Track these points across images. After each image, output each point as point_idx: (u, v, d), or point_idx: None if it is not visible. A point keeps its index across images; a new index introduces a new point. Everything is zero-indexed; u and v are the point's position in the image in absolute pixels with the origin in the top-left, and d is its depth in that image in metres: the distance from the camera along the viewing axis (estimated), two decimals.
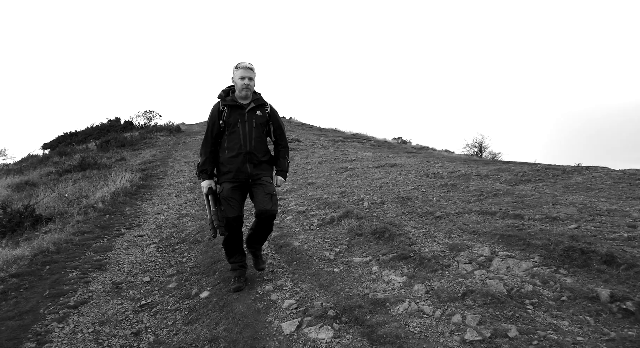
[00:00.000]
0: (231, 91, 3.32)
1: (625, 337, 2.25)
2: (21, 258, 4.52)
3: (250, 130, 3.24)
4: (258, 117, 3.29)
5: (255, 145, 3.26)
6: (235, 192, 3.26)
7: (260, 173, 3.30)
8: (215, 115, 3.27)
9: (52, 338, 3.12)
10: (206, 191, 3.27)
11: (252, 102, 3.29)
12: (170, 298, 3.72)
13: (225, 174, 3.27)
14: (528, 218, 4.05)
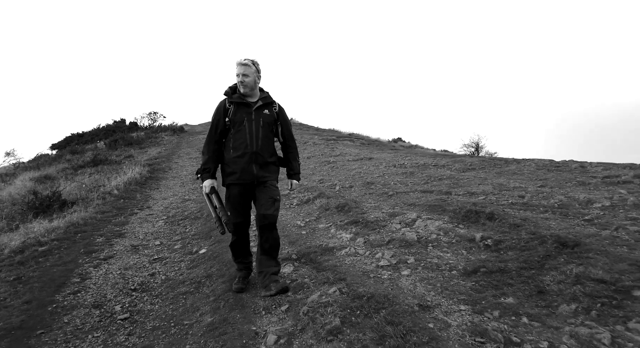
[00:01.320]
0: (238, 89, 3.18)
1: (480, 258, 3.39)
2: (57, 229, 5.69)
3: (257, 129, 3.07)
4: (265, 116, 3.13)
5: (262, 145, 3.09)
6: (242, 197, 3.17)
7: (266, 175, 3.14)
8: (220, 112, 3.13)
9: (90, 276, 4.27)
10: (208, 191, 3.14)
11: (260, 100, 3.14)
12: (176, 254, 4.87)
13: (230, 175, 3.13)
14: (454, 194, 5.19)
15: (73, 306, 3.63)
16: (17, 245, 5.11)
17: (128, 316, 3.43)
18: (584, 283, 2.65)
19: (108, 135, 24.54)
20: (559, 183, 5.15)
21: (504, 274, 3.06)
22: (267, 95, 3.22)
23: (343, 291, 3.12)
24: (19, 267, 4.57)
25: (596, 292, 2.57)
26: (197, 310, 3.37)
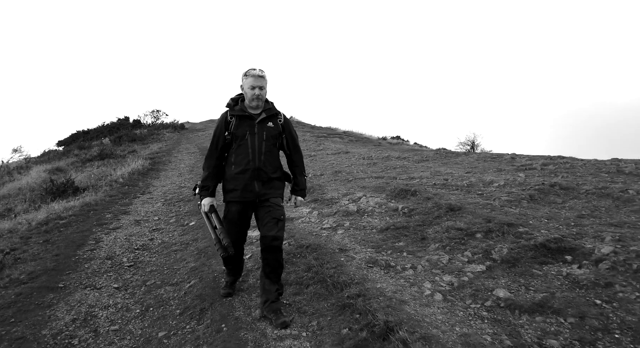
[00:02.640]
0: (240, 100, 2.96)
1: (395, 221, 4.54)
2: (73, 207, 6.87)
3: (260, 143, 2.86)
4: (269, 128, 2.91)
5: (265, 160, 2.88)
6: (241, 217, 2.99)
7: (269, 193, 2.91)
8: (221, 126, 2.92)
9: (102, 240, 5.45)
10: (207, 209, 2.98)
11: (264, 111, 2.91)
12: (171, 226, 6.02)
13: (231, 192, 2.93)
14: (398, 178, 6.34)
15: (90, 258, 4.80)
16: (42, 219, 6.29)
17: (132, 264, 4.60)
18: (450, 231, 3.80)
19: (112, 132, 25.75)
20: (482, 170, 6.27)
21: (405, 229, 4.22)
22: (272, 106, 2.97)
23: (291, 243, 4.29)
24: (45, 234, 5.75)
25: (455, 236, 3.71)
26: (184, 260, 4.54)
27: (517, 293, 2.77)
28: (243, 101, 2.95)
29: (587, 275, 2.80)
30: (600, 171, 5.31)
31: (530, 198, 4.47)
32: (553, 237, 3.30)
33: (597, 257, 2.95)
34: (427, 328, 2.47)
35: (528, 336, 2.34)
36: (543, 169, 5.91)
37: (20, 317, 3.43)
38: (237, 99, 3.00)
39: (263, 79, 2.86)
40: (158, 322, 3.27)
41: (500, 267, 3.15)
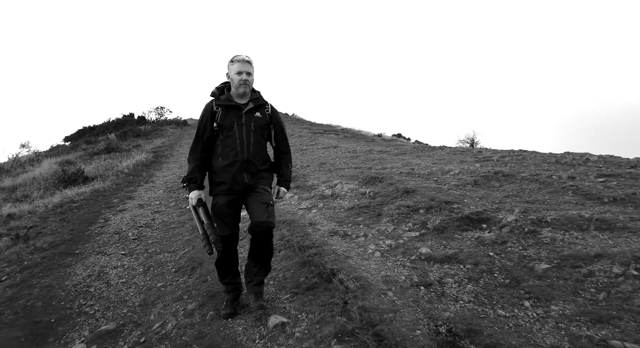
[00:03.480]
0: (226, 89, 2.86)
1: (360, 202, 5.30)
2: (84, 193, 7.70)
3: (248, 134, 2.77)
4: (257, 119, 2.81)
5: (254, 152, 2.79)
6: (230, 207, 2.82)
7: (258, 182, 2.83)
8: (207, 116, 2.80)
9: (110, 219, 6.26)
10: (195, 203, 2.83)
11: (251, 101, 2.81)
12: (170, 209, 6.83)
13: (219, 185, 2.81)
14: (373, 168, 7.10)
15: (101, 233, 5.61)
16: (57, 202, 7.12)
17: (137, 238, 5.41)
18: (400, 208, 4.58)
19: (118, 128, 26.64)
20: (447, 162, 7.03)
21: (366, 208, 5.00)
22: (259, 96, 2.87)
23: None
24: (61, 214, 6.57)
25: (403, 212, 4.49)
26: (181, 234, 5.34)
27: (436, 250, 3.54)
28: (229, 90, 2.83)
29: (491, 236, 3.57)
30: (543, 162, 6.05)
31: (474, 183, 5.23)
32: (476, 210, 4.07)
33: (503, 224, 3.72)
34: (360, 273, 3.25)
35: (433, 276, 3.12)
36: (499, 160, 6.66)
37: (47, 273, 4.24)
38: (223, 88, 2.87)
39: (250, 65, 2.76)
40: (157, 277, 4.07)
41: (431, 233, 3.93)
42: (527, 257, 3.16)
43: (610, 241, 3.12)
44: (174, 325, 3.04)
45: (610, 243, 3.07)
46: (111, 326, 3.17)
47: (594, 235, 3.27)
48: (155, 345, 2.87)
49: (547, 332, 2.30)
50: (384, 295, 2.89)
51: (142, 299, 3.61)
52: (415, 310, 2.68)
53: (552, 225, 3.52)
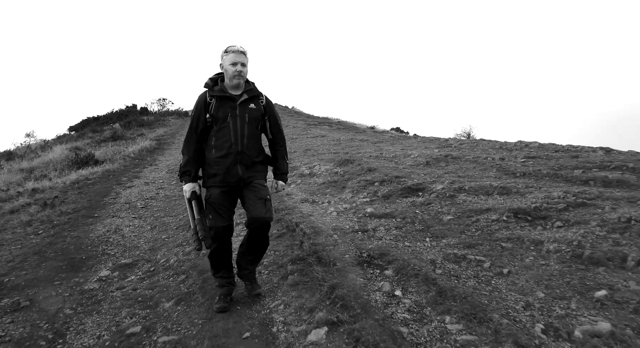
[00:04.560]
0: (220, 80, 2.83)
1: (332, 179, 6.34)
2: (96, 172, 8.75)
3: (242, 126, 2.74)
4: (252, 110, 2.78)
5: (248, 143, 2.75)
6: (225, 198, 2.77)
7: (252, 175, 2.80)
8: (201, 108, 2.77)
9: (121, 193, 7.31)
10: (189, 196, 2.80)
11: (245, 93, 2.78)
12: (172, 186, 7.87)
13: (213, 177, 2.77)
14: (349, 154, 8.12)
15: (114, 203, 6.66)
16: (74, 179, 8.17)
17: (144, 206, 6.46)
18: (361, 182, 5.61)
19: (121, 118, 27.62)
20: (414, 148, 8.04)
21: (334, 183, 6.03)
22: (253, 87, 2.84)
23: None
24: (78, 189, 7.62)
25: (362, 184, 5.52)
26: (181, 204, 6.37)
27: (378, 210, 4.57)
28: (222, 81, 2.79)
29: (421, 200, 4.61)
30: (491, 148, 7.06)
31: (425, 164, 6.26)
32: (417, 182, 5.10)
33: (432, 191, 4.75)
34: (317, 224, 4.29)
35: (370, 226, 4.15)
36: (457, 147, 7.67)
37: (74, 228, 5.30)
38: (216, 79, 2.83)
39: (244, 56, 2.71)
40: (162, 232, 5.12)
41: (379, 199, 4.96)
42: (440, 212, 4.19)
43: (502, 201, 4.15)
44: (175, 261, 4.09)
45: (500, 202, 4.11)
46: (128, 261, 4.23)
47: (494, 198, 4.30)
48: (161, 272, 3.91)
49: (430, 253, 3.34)
50: (330, 237, 3.93)
51: (150, 246, 4.66)
52: (349, 245, 3.72)
53: (468, 192, 4.56)
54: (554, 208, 3.68)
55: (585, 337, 2.07)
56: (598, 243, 2.97)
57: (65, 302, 3.39)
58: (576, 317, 2.25)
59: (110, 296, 3.48)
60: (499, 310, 2.40)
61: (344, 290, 2.85)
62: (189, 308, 3.11)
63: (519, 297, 2.56)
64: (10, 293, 3.56)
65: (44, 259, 4.28)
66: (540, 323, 2.24)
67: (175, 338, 2.70)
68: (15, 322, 3.11)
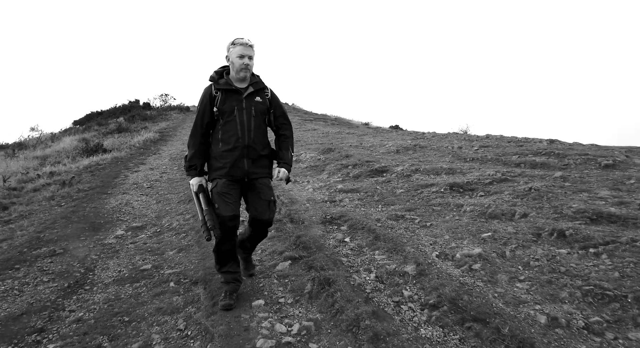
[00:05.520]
0: (225, 72, 2.81)
1: (315, 164, 7.25)
2: (106, 159, 9.67)
3: (249, 119, 2.70)
4: (257, 103, 2.75)
5: (255, 137, 2.73)
6: (231, 188, 2.73)
7: (257, 172, 2.78)
8: (206, 101, 2.74)
9: (129, 176, 8.23)
10: (196, 189, 2.79)
11: (251, 86, 2.76)
12: (174, 171, 8.78)
13: (218, 170, 2.74)
14: (333, 144, 9.03)
15: (123, 183, 7.59)
16: (86, 164, 9.10)
17: (150, 186, 7.37)
18: (337, 166, 6.52)
19: (125, 113, 28.52)
20: (390, 139, 8.94)
21: (315, 167, 6.94)
22: (258, 80, 2.83)
23: None
24: (90, 172, 8.55)
25: (338, 168, 6.43)
26: (182, 185, 7.29)
27: (347, 187, 5.48)
28: (228, 74, 2.78)
29: (383, 179, 5.52)
30: (457, 139, 7.96)
31: (396, 152, 7.17)
32: (383, 165, 6.01)
33: (394, 172, 5.65)
34: (295, 196, 5.20)
35: (337, 198, 5.06)
36: (429, 138, 8.57)
37: (91, 201, 6.22)
38: (222, 71, 2.82)
39: (252, 49, 2.70)
40: (165, 205, 6.03)
41: (349, 179, 5.87)
42: (395, 188, 5.11)
43: (445, 178, 5.06)
44: (177, 224, 5.01)
45: (444, 179, 5.02)
46: (138, 224, 5.14)
47: (441, 176, 5.22)
48: (166, 232, 4.82)
49: (378, 214, 4.25)
50: (303, 205, 4.85)
51: (156, 214, 5.58)
52: (317, 211, 4.63)
53: (422, 172, 5.47)
54: (482, 183, 4.59)
55: (462, 257, 2.98)
56: (500, 205, 3.88)
57: (90, 251, 4.31)
58: (462, 248, 3.16)
59: (126, 247, 4.39)
60: (412, 246, 3.31)
61: (306, 238, 3.76)
62: (188, 254, 4.03)
63: (430, 238, 3.47)
64: (47, 244, 4.48)
65: (69, 222, 5.20)
66: (437, 251, 3.16)
67: (177, 270, 3.62)
68: (54, 262, 4.03)
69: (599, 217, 3.25)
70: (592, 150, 5.54)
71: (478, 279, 2.74)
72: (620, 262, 2.63)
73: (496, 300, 2.46)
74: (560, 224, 3.23)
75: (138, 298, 3.19)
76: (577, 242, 2.96)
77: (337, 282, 2.86)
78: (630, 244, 2.76)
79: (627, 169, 4.48)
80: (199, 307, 2.90)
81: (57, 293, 3.35)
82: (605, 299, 2.32)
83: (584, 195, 3.82)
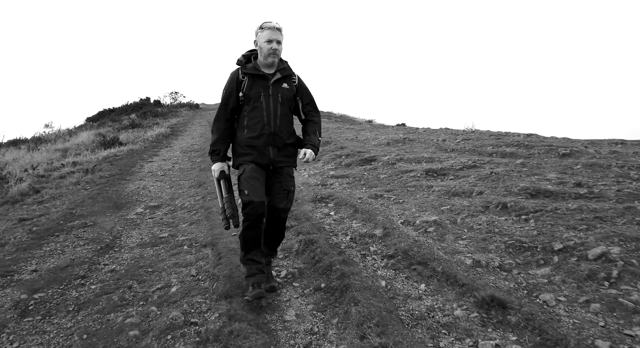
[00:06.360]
0: (253, 57, 2.72)
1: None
2: (122, 151, 10.49)
3: (275, 106, 2.63)
4: (284, 90, 2.67)
5: (281, 124, 2.68)
6: (259, 173, 2.67)
7: (283, 161, 2.74)
8: (233, 86, 2.67)
9: (144, 166, 9.02)
10: (217, 175, 2.74)
11: (278, 71, 2.67)
12: (185, 162, 9.55)
13: (243, 156, 2.69)
14: (332, 137, 9.72)
15: (139, 171, 8.37)
16: (105, 155, 9.92)
17: (163, 174, 8.14)
18: (331, 156, 7.21)
19: (136, 110, 29.49)
20: (384, 133, 9.59)
21: None
22: (286, 66, 2.75)
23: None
24: (109, 162, 9.35)
25: (332, 157, 7.12)
26: (193, 173, 8.04)
27: (338, 173, 6.17)
28: (255, 59, 2.71)
29: (371, 167, 6.20)
30: (444, 133, 8.61)
31: (386, 144, 7.84)
32: (372, 155, 6.69)
33: (381, 161, 6.33)
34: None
35: (329, 182, 5.76)
36: (420, 133, 9.21)
37: (112, 186, 7.01)
38: (249, 55, 2.74)
39: (280, 33, 2.62)
40: (178, 189, 6.78)
41: (341, 167, 6.57)
42: (380, 173, 5.80)
43: (424, 166, 5.73)
44: (188, 204, 5.75)
45: (425, 166, 5.69)
46: (155, 204, 5.90)
47: (421, 164, 5.89)
48: (179, 210, 5.57)
49: (361, 194, 4.95)
50: (298, 188, 5.55)
51: (170, 196, 6.33)
52: (310, 192, 5.34)
53: (405, 161, 6.15)
54: (454, 169, 5.26)
55: (421, 223, 3.67)
56: (463, 186, 4.56)
57: (116, 224, 5.07)
58: (423, 217, 3.85)
59: (145, 221, 5.14)
60: (383, 216, 4.01)
61: (298, 212, 4.47)
62: (198, 226, 4.76)
63: (400, 211, 4.16)
64: (79, 218, 5.26)
65: (96, 202, 5.98)
66: (402, 220, 3.85)
67: (190, 237, 4.36)
68: (86, 231, 4.80)
69: (537, 193, 3.91)
70: (558, 142, 6.17)
71: (429, 238, 3.43)
72: (541, 224, 3.29)
73: (439, 251, 3.15)
74: (505, 199, 3.90)
75: (158, 256, 3.92)
76: (515, 211, 3.63)
77: (318, 242, 3.57)
78: (553, 212, 3.43)
79: (579, 157, 5.10)
80: (208, 261, 3.62)
81: (93, 253, 4.11)
82: (521, 249, 3.00)
83: (534, 177, 4.47)
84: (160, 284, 3.27)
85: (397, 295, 2.67)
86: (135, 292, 3.20)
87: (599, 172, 4.37)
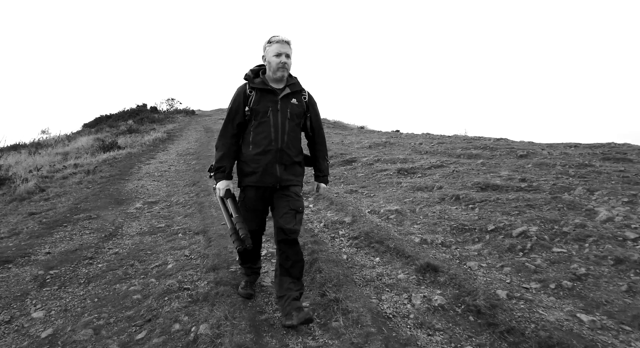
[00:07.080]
0: (261, 72, 2.65)
1: None
2: (121, 154, 11.03)
3: (283, 121, 2.52)
4: (294, 106, 2.57)
5: (289, 141, 2.57)
6: (260, 202, 2.64)
7: (290, 179, 2.61)
8: (240, 100, 2.58)
9: (142, 167, 9.56)
10: (222, 194, 2.62)
11: (288, 87, 2.59)
12: (180, 164, 10.10)
13: (249, 176, 2.58)
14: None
15: (138, 172, 8.91)
16: (104, 158, 10.45)
17: (160, 175, 8.69)
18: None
19: (132, 117, 30.01)
20: (368, 137, 10.21)
21: None
22: (296, 81, 2.66)
23: None
24: (108, 164, 9.89)
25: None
26: (187, 175, 8.60)
27: None
28: (264, 73, 2.64)
29: (352, 167, 6.79)
30: (423, 138, 9.23)
31: (368, 147, 8.44)
32: (353, 157, 7.28)
33: (361, 162, 6.92)
34: None
35: (311, 181, 6.34)
36: (402, 137, 9.84)
37: (113, 185, 7.55)
38: (257, 70, 2.68)
39: (289, 46, 2.55)
40: (174, 188, 7.33)
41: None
42: (358, 173, 6.38)
43: (398, 165, 6.33)
44: (183, 200, 6.30)
45: (399, 166, 6.28)
46: (153, 200, 6.45)
47: (395, 164, 6.49)
48: (174, 205, 6.11)
49: (338, 189, 5.52)
50: None
51: (166, 194, 6.88)
52: None
53: (382, 161, 6.75)
54: (422, 168, 5.86)
55: (385, 212, 4.25)
56: (427, 182, 5.16)
57: (117, 217, 5.61)
58: (387, 207, 4.43)
59: (144, 214, 5.69)
60: (354, 207, 4.58)
61: None
62: (192, 218, 5.31)
63: (369, 203, 4.75)
64: (84, 212, 5.80)
65: (98, 198, 6.52)
66: (369, 209, 4.43)
67: (184, 227, 4.91)
68: (91, 222, 5.33)
69: (487, 187, 4.51)
70: (520, 145, 6.80)
71: (390, 223, 4.01)
72: (483, 212, 3.89)
73: (395, 233, 3.73)
74: (459, 192, 4.49)
75: (156, 242, 4.47)
76: (465, 202, 4.22)
77: None
78: (495, 201, 4.03)
79: (533, 158, 5.72)
80: (199, 245, 4.18)
81: (98, 240, 4.65)
82: (463, 231, 3.59)
83: (489, 174, 5.08)
84: (158, 263, 3.81)
85: (355, 265, 3.24)
86: (136, 269, 3.74)
87: (545, 169, 4.99)
